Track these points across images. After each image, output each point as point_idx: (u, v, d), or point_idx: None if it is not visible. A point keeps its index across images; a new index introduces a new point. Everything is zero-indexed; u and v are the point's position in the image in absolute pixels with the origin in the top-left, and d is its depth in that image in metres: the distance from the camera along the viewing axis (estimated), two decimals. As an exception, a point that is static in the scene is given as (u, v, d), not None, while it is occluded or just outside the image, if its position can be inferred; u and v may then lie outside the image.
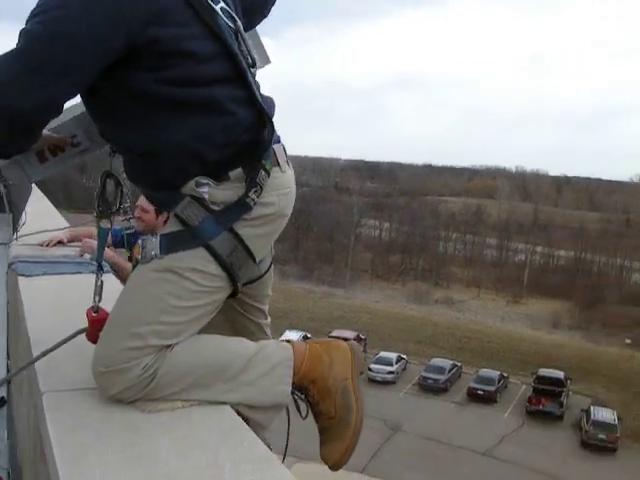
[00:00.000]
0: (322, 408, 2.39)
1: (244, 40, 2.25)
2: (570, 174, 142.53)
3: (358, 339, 46.08)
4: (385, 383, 42.81)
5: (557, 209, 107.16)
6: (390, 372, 43.43)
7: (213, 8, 2.15)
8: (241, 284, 2.25)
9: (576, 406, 41.90)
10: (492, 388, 42.66)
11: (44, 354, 2.34)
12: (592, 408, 39.90)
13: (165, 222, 2.65)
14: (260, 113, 2.22)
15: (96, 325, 2.33)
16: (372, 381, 42.23)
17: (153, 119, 2.12)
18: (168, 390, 2.13)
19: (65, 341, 2.35)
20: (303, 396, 2.40)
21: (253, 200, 2.19)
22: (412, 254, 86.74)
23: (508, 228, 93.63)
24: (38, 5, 2.05)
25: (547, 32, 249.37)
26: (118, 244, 5.74)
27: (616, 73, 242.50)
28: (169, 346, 2.13)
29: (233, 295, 2.28)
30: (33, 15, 2.03)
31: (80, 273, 4.22)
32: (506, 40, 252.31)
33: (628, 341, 59.43)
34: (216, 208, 2.16)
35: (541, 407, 40.61)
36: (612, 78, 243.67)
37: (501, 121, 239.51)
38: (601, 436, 36.70)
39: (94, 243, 5.24)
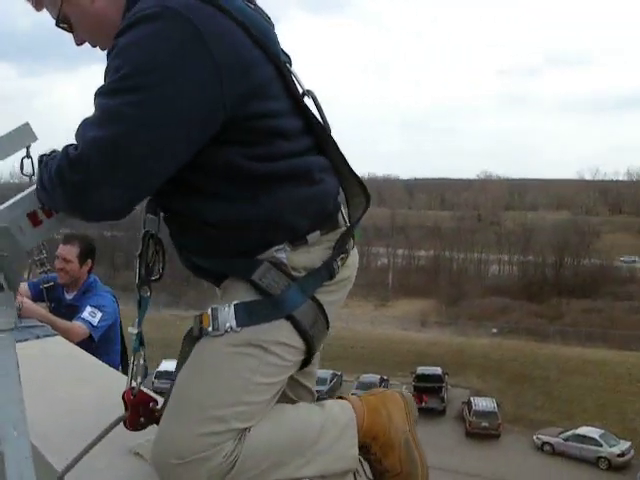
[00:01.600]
0: (386, 465, 2.23)
1: (317, 104, 2.10)
2: (419, 176, 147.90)
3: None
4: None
5: (411, 211, 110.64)
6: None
7: (294, 73, 2.03)
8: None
9: (456, 399, 43.15)
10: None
11: (82, 455, 2.04)
12: (472, 399, 41.21)
13: (89, 271, 2.21)
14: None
15: (137, 410, 2.16)
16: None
17: (241, 193, 1.91)
18: (246, 476, 1.92)
19: (103, 435, 2.09)
20: (363, 454, 2.22)
21: (338, 267, 2.04)
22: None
23: (367, 233, 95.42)
24: (126, 74, 1.73)
25: (390, 42, 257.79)
26: (37, 298, 5.24)
27: (452, 76, 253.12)
28: (247, 428, 1.91)
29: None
30: (119, 89, 1.73)
31: (27, 340, 3.71)
32: (351, 50, 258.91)
33: (494, 330, 61.86)
34: (297, 274, 1.97)
35: (423, 404, 41.25)
36: (449, 81, 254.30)
37: (350, 128, 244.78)
38: (484, 424, 37.91)
39: (31, 305, 4.80)
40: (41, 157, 2.01)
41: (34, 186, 2.08)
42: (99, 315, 5.03)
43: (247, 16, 1.87)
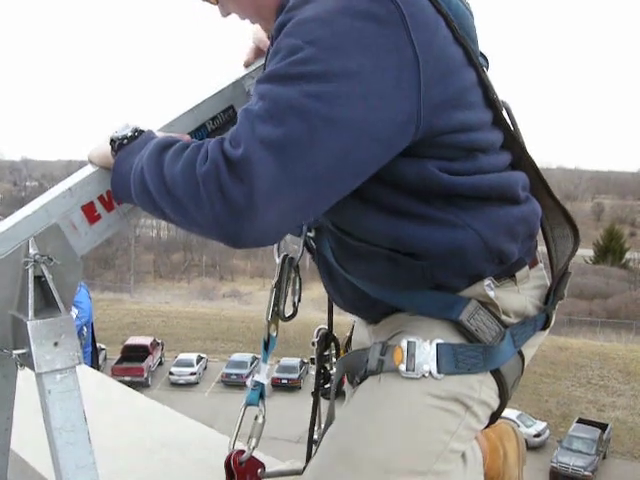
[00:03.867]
0: None
1: (511, 117, 1.77)
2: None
3: (155, 344, 44.86)
4: (188, 385, 41.89)
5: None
6: (192, 373, 42.44)
7: (491, 82, 1.64)
8: None
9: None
10: (295, 376, 43.22)
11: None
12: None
13: None
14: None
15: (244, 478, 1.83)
16: (174, 384, 41.57)
17: (442, 214, 1.56)
18: None
19: None
20: None
21: (553, 312, 1.74)
22: (193, 251, 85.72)
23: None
24: (309, 57, 1.33)
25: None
26: None
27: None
28: None
29: None
30: (299, 75, 1.32)
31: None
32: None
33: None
34: (507, 319, 1.64)
35: (344, 388, 41.44)
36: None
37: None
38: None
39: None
40: (121, 141, 1.54)
41: (89, 168, 1.62)
42: (74, 312, 4.52)
43: (452, 7, 1.53)
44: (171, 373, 42.16)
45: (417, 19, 1.39)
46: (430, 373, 1.55)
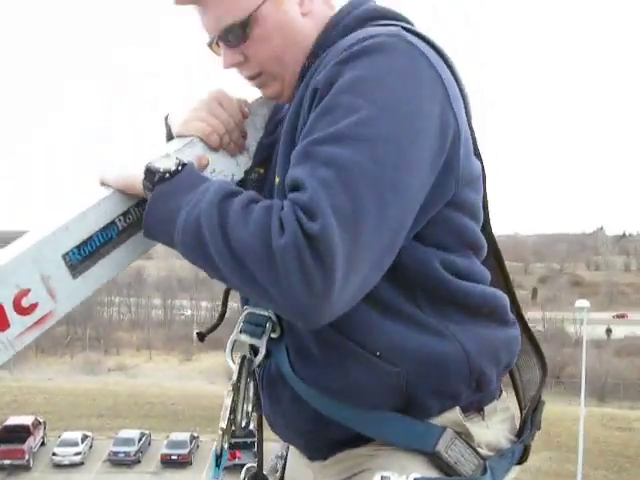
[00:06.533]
0: None
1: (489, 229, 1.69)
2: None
3: (36, 423, 42.70)
4: (73, 466, 39.89)
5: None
6: (77, 453, 40.40)
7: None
8: None
9: (271, 453, 42.52)
10: (185, 451, 41.64)
11: None
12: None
13: None
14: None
15: None
16: (58, 466, 39.65)
17: (428, 319, 1.45)
18: None
19: None
20: None
21: (531, 443, 1.61)
22: (76, 324, 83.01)
23: (171, 286, 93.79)
24: (370, 117, 1.30)
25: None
26: None
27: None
28: None
29: None
30: (365, 137, 1.29)
31: None
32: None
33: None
34: (483, 452, 1.49)
35: (237, 460, 40.43)
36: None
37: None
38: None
39: None
40: (163, 175, 1.39)
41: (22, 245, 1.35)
42: None
43: (459, 80, 1.52)
44: (54, 454, 40.07)
45: (453, 92, 1.43)
46: None
